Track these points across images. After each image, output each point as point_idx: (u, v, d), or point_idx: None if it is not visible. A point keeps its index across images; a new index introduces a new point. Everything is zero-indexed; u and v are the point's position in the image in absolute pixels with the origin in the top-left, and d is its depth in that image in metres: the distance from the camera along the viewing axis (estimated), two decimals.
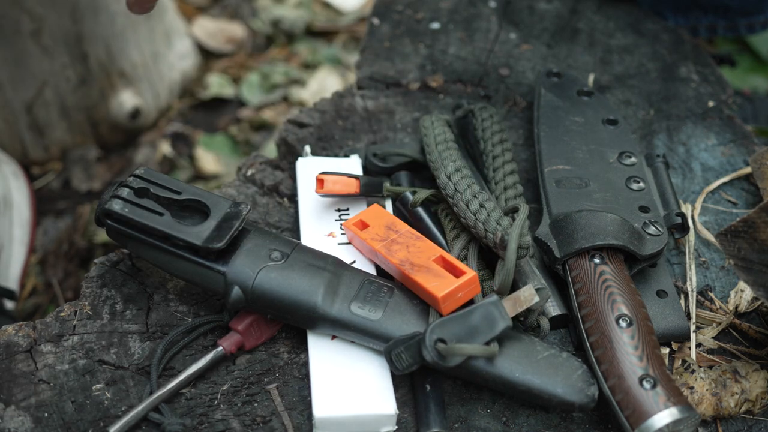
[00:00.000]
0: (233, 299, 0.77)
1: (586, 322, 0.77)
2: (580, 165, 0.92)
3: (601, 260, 0.80)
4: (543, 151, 0.94)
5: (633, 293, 0.78)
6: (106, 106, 1.68)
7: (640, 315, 0.76)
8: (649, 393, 0.71)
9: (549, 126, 0.97)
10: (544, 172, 0.92)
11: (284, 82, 1.90)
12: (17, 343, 0.79)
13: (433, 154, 0.89)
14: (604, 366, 0.74)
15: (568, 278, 0.81)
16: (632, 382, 0.72)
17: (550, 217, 0.86)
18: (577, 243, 0.81)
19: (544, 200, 0.89)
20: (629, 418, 0.71)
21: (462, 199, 0.83)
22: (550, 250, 0.83)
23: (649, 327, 0.76)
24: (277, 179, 0.97)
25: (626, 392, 0.72)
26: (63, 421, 0.74)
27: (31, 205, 1.46)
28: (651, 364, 0.73)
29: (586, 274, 0.80)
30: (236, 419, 0.76)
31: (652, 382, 0.71)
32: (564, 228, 0.83)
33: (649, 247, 0.83)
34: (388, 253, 0.81)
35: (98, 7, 1.59)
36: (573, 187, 0.89)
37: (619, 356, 0.73)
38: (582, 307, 0.78)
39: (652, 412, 0.70)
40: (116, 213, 0.77)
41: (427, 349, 0.71)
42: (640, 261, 0.83)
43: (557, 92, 1.01)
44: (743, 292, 0.87)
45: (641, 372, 0.72)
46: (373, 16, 1.20)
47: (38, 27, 1.53)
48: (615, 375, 0.73)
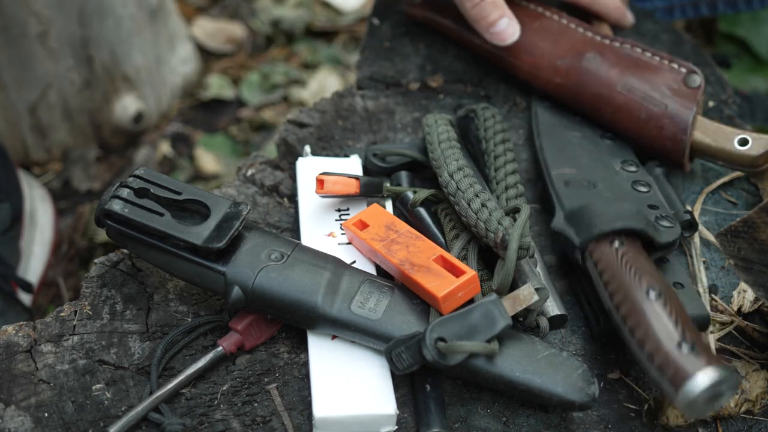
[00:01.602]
0: (233, 299, 0.77)
1: (615, 297, 0.76)
2: (586, 170, 0.93)
3: (620, 244, 0.80)
4: (548, 159, 0.95)
5: (657, 271, 0.78)
6: (109, 110, 1.68)
7: (667, 289, 0.76)
8: (688, 355, 0.70)
9: (550, 139, 0.98)
10: (552, 175, 0.92)
11: (284, 82, 1.90)
12: (17, 343, 0.79)
13: (435, 152, 0.89)
14: (639, 334, 0.73)
15: (589, 264, 0.81)
16: (671, 346, 0.71)
17: (563, 211, 0.87)
18: (597, 228, 0.81)
19: (555, 198, 0.89)
20: (672, 379, 0.70)
21: (464, 197, 0.83)
22: (568, 238, 0.82)
23: (678, 300, 0.76)
24: (277, 179, 0.97)
25: (665, 356, 0.71)
26: (63, 421, 0.74)
27: (54, 229, 1.51)
28: (686, 330, 0.72)
29: (608, 258, 0.80)
30: (236, 419, 0.76)
31: (690, 345, 0.71)
32: (581, 217, 0.83)
33: (665, 236, 0.83)
34: (388, 252, 0.81)
35: (105, 11, 1.59)
36: (582, 187, 0.90)
37: (654, 323, 0.72)
38: (608, 284, 0.78)
39: (695, 371, 0.69)
40: (116, 213, 0.77)
41: (427, 348, 0.71)
42: (656, 250, 0.83)
43: (553, 112, 1.04)
44: (746, 292, 0.87)
45: (678, 337, 0.71)
46: (373, 16, 1.20)
47: (45, 30, 1.53)
48: (651, 340, 0.72)
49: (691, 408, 0.70)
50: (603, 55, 0.99)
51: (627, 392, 0.80)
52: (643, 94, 0.94)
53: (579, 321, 0.85)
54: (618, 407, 0.79)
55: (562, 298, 0.86)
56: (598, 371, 0.81)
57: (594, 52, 0.99)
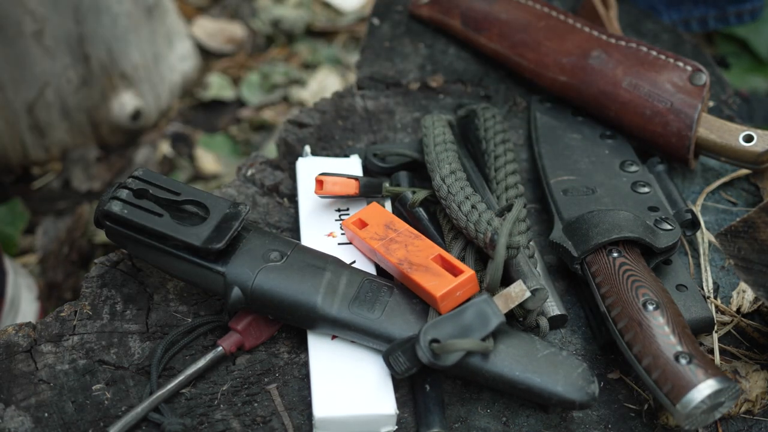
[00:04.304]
0: (233, 300, 0.77)
1: (613, 310, 0.77)
2: (585, 175, 0.93)
3: (618, 254, 0.81)
4: (546, 166, 0.95)
5: (655, 280, 0.79)
6: (107, 108, 1.68)
7: (665, 298, 0.76)
8: (686, 368, 0.71)
9: (549, 143, 0.99)
10: (551, 184, 0.92)
11: (284, 82, 1.90)
12: (17, 343, 0.79)
13: (430, 155, 0.89)
14: (636, 348, 0.74)
15: (588, 275, 0.82)
16: (668, 359, 0.71)
17: (562, 223, 0.87)
18: (593, 239, 0.82)
19: (553, 208, 0.90)
20: (669, 393, 0.70)
21: (454, 200, 0.83)
22: (567, 251, 0.83)
23: (676, 309, 0.76)
24: (277, 179, 0.97)
25: (663, 369, 0.71)
26: (63, 421, 0.74)
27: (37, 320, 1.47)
28: (684, 342, 0.72)
29: (606, 268, 0.80)
30: (236, 419, 0.76)
31: (687, 357, 0.71)
32: (578, 229, 0.84)
33: (663, 241, 0.83)
34: (387, 252, 0.81)
35: (100, 9, 1.59)
36: (581, 194, 0.90)
37: (651, 336, 0.73)
38: (606, 297, 0.78)
39: (692, 385, 0.69)
40: (115, 214, 0.77)
41: (422, 350, 0.72)
42: (656, 255, 0.83)
43: (552, 115, 1.04)
44: (745, 292, 0.87)
45: (675, 349, 0.72)
46: (373, 16, 1.20)
47: (41, 28, 1.53)
48: (649, 354, 0.72)
49: (690, 420, 0.70)
50: (608, 53, 0.99)
51: (627, 392, 0.80)
52: (648, 92, 0.95)
53: (579, 321, 0.85)
54: (618, 407, 0.79)
55: (562, 298, 0.86)
56: (598, 371, 0.81)
57: (599, 50, 0.99)
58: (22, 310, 1.42)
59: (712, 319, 0.81)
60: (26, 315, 1.41)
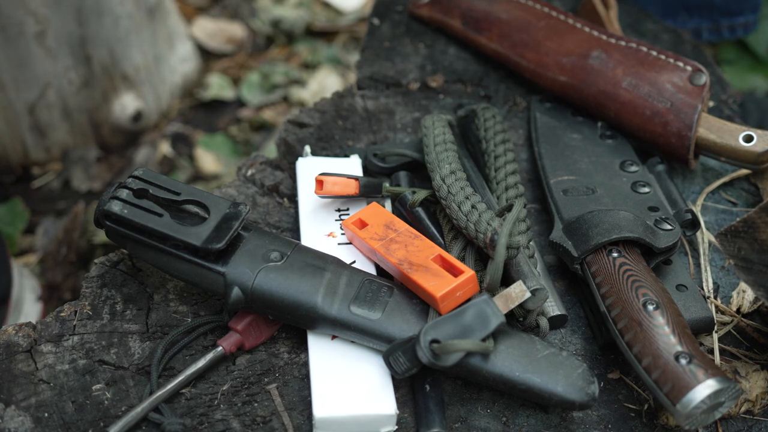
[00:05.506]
0: (233, 300, 0.77)
1: (613, 310, 0.77)
2: (585, 175, 0.93)
3: (618, 254, 0.81)
4: (546, 166, 0.95)
5: (655, 280, 0.79)
6: (108, 109, 1.68)
7: (665, 298, 0.76)
8: (686, 368, 0.71)
9: (549, 143, 0.99)
10: (551, 184, 0.92)
11: (284, 82, 1.90)
12: (17, 343, 0.79)
13: (430, 155, 0.89)
14: (636, 348, 0.74)
15: (588, 275, 0.82)
16: (668, 359, 0.71)
17: (562, 223, 0.87)
18: (593, 240, 0.82)
19: (553, 209, 0.90)
20: (669, 394, 0.70)
21: (454, 200, 0.83)
22: (567, 251, 0.83)
23: (676, 309, 0.76)
24: (277, 179, 0.97)
25: (663, 369, 0.71)
26: (63, 421, 0.74)
27: None
28: (684, 341, 0.72)
29: (606, 268, 0.80)
30: (236, 419, 0.76)
31: (687, 357, 0.71)
32: (578, 229, 0.84)
33: (663, 241, 0.83)
34: (387, 252, 0.81)
35: (103, 10, 1.59)
36: (581, 194, 0.90)
37: (651, 336, 0.73)
38: (606, 297, 0.78)
39: (692, 385, 0.69)
40: (115, 214, 0.77)
41: (422, 350, 0.72)
42: (656, 255, 0.83)
43: (552, 115, 1.04)
44: (745, 292, 0.87)
45: (675, 349, 0.72)
46: (373, 16, 1.20)
47: (43, 29, 1.53)
48: (649, 354, 0.72)
49: (690, 420, 0.70)
50: (608, 53, 0.99)
51: (627, 392, 0.80)
52: (648, 92, 0.95)
53: (579, 321, 0.85)
54: (618, 407, 0.79)
55: (562, 298, 0.86)
56: (598, 371, 0.81)
57: (599, 50, 1.00)
58: (24, 311, 1.42)
59: (712, 319, 0.81)
60: (29, 316, 1.41)
